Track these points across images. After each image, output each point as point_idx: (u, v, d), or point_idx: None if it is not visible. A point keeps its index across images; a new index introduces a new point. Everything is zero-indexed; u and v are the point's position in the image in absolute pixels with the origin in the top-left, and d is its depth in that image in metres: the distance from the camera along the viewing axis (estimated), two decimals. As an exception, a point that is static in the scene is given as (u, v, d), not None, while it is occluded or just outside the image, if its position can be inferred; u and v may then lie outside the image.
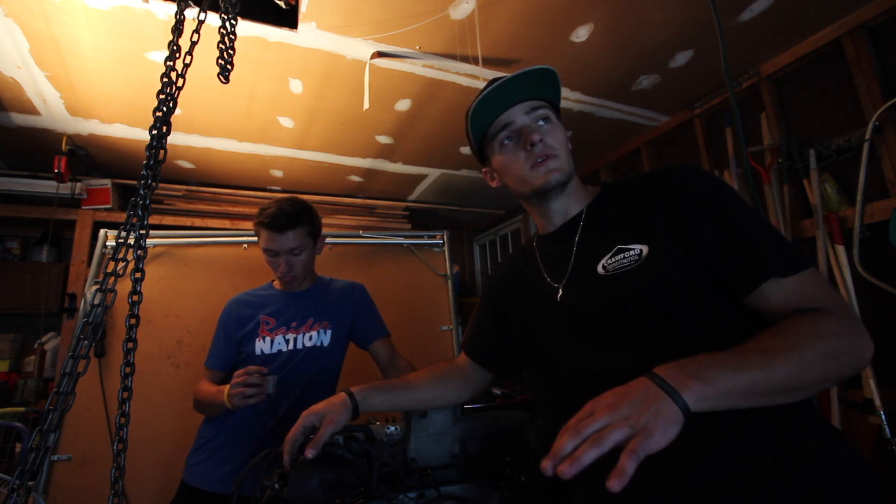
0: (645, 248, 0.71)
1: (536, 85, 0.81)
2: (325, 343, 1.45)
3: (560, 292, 0.81)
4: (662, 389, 0.52)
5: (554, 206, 0.86)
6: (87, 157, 2.68)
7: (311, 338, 1.44)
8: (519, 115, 0.82)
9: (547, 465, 0.50)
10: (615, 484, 0.47)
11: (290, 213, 1.36)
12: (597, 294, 0.75)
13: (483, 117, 0.84)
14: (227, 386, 1.19)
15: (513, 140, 0.83)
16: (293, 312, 1.46)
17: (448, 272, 2.58)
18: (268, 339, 1.42)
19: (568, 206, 0.86)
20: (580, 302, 0.78)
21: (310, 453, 0.78)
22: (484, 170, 0.94)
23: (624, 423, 0.50)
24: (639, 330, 0.70)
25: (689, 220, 0.70)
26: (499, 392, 2.57)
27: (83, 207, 2.77)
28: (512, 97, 0.81)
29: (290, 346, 1.42)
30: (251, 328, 1.43)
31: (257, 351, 1.41)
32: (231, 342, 1.43)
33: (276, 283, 1.53)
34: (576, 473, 0.48)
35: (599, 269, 0.76)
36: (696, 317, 0.68)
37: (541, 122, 0.82)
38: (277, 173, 3.09)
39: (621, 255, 0.74)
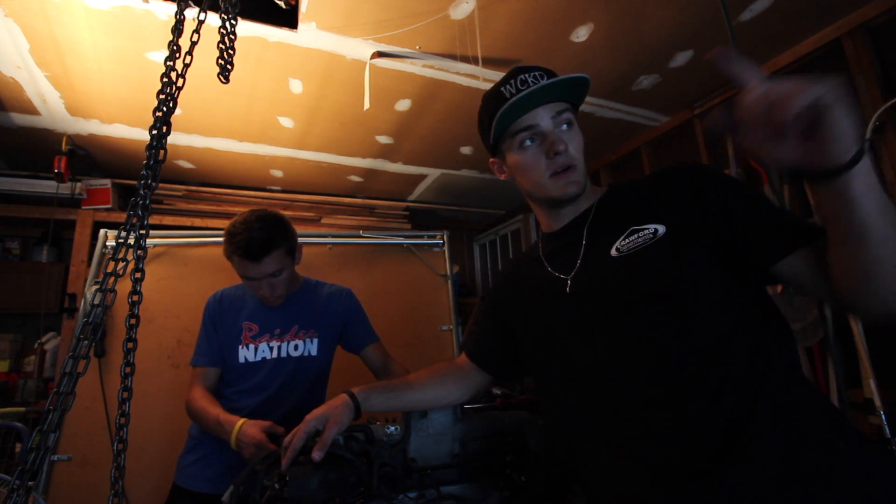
0: (661, 228, 0.71)
1: (565, 88, 0.79)
2: (314, 352, 1.42)
3: (569, 284, 0.80)
4: None
5: (565, 211, 0.86)
6: (87, 157, 2.68)
7: (296, 347, 1.40)
8: (545, 118, 0.80)
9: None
10: None
11: (264, 239, 1.25)
12: (611, 275, 0.74)
13: (508, 115, 0.81)
14: (237, 425, 1.13)
15: (535, 142, 0.81)
16: (276, 319, 1.41)
17: (448, 272, 2.58)
18: (251, 346, 1.37)
19: (578, 206, 0.86)
20: (593, 287, 0.77)
21: (317, 456, 0.77)
22: (492, 160, 0.92)
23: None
24: (655, 312, 0.68)
25: (714, 195, 0.70)
26: (499, 392, 2.57)
27: (83, 207, 2.77)
28: (539, 97, 0.79)
29: (275, 354, 1.38)
30: (234, 334, 1.38)
31: (241, 359, 1.36)
32: (219, 339, 1.39)
33: None
34: None
35: (613, 251, 0.75)
36: (713, 298, 0.67)
37: (564, 127, 0.81)
38: (277, 173, 3.09)
39: (635, 235, 0.73)
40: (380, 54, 1.83)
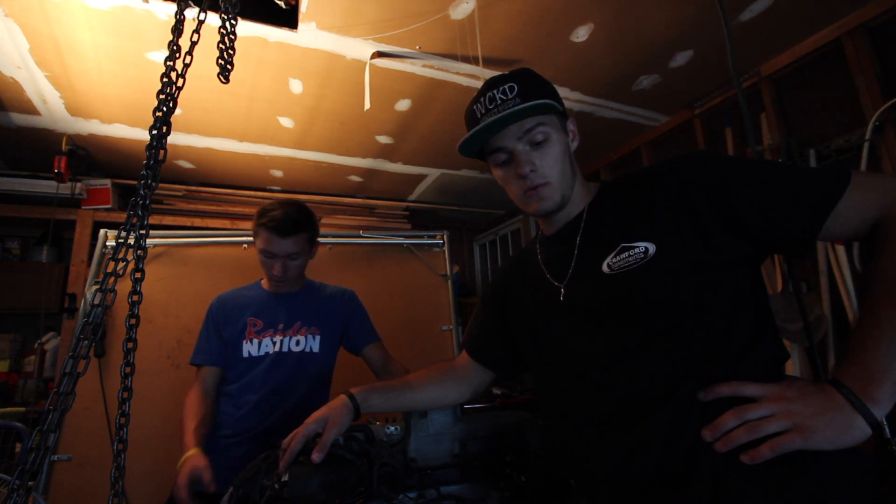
0: (651, 247, 0.70)
1: (528, 108, 0.77)
2: (315, 349, 1.44)
3: (563, 292, 0.80)
4: (849, 402, 0.56)
5: (554, 218, 0.86)
6: (87, 157, 2.68)
7: (298, 342, 1.42)
8: (511, 139, 0.79)
9: (707, 434, 0.59)
10: (746, 459, 0.56)
11: (296, 219, 1.35)
12: (602, 293, 0.74)
13: (476, 139, 0.81)
14: (188, 452, 1.15)
15: (508, 161, 0.81)
16: (280, 314, 1.44)
17: (448, 272, 2.58)
18: (255, 341, 1.40)
19: (569, 210, 0.85)
20: (585, 301, 0.77)
21: (316, 457, 0.78)
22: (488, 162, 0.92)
23: (787, 417, 0.56)
24: (645, 329, 0.69)
25: (710, 204, 0.69)
26: (499, 392, 2.57)
27: (83, 207, 2.77)
28: (504, 120, 0.77)
29: (277, 349, 1.40)
30: (238, 329, 1.40)
31: (244, 353, 1.39)
32: (221, 339, 1.41)
33: (265, 283, 1.51)
34: (727, 450, 0.58)
35: (604, 268, 0.75)
36: (702, 318, 0.67)
37: (538, 139, 0.78)
38: (277, 173, 3.09)
39: (626, 254, 0.72)
40: (380, 54, 1.83)
